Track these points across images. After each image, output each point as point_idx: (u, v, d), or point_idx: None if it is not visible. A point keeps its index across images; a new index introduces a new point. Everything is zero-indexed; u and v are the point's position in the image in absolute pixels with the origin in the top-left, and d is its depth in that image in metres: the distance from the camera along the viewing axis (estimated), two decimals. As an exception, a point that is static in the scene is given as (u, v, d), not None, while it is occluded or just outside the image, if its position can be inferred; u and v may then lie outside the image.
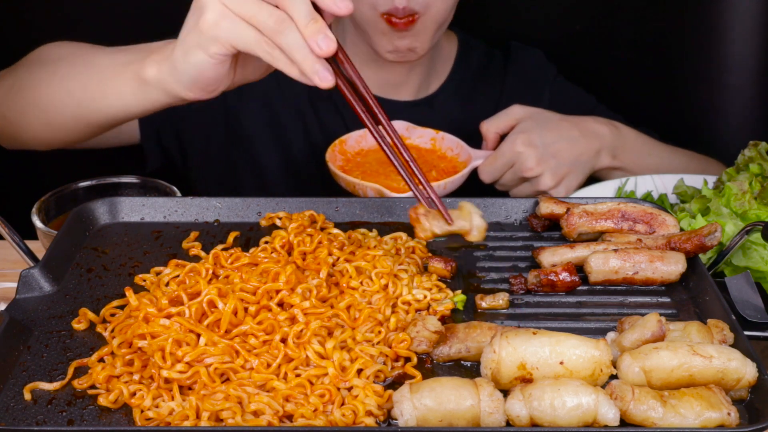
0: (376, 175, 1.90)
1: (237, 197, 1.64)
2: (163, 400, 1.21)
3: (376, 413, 1.20)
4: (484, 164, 1.90)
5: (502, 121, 1.94)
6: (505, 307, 1.41)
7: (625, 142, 1.99)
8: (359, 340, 1.31)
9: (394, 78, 2.15)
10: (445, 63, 2.22)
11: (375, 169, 1.93)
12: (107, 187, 1.81)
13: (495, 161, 1.89)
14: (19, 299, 1.39)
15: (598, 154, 1.94)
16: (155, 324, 1.30)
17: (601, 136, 1.96)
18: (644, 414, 1.15)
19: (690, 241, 1.47)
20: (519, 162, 1.87)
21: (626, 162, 1.99)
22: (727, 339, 1.28)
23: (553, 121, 1.93)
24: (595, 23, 2.31)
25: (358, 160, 1.96)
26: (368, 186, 1.79)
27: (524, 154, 1.86)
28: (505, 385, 1.21)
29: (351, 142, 1.99)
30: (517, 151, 1.87)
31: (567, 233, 1.56)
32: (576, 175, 1.92)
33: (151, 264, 1.50)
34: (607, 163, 1.96)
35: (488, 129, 1.95)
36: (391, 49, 1.97)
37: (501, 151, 1.89)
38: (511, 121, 1.93)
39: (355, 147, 1.99)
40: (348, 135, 1.99)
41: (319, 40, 1.28)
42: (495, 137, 1.94)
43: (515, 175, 1.89)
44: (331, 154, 1.92)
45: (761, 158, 1.74)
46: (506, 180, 1.91)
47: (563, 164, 1.89)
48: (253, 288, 1.36)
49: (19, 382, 1.24)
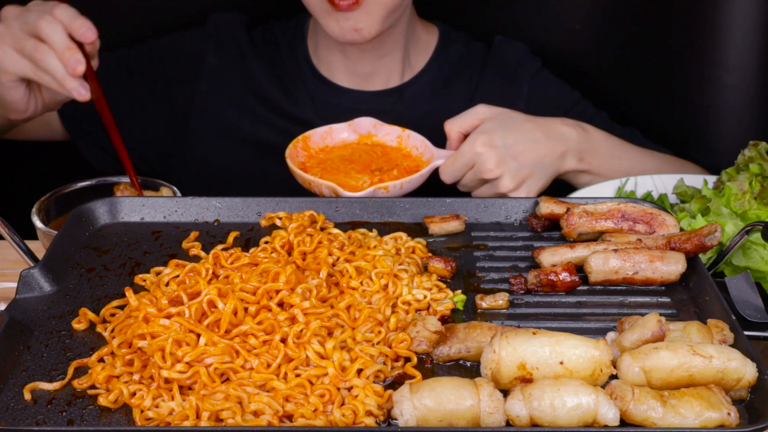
0: (336, 172, 1.90)
1: (237, 197, 1.64)
2: (163, 400, 1.21)
3: (376, 413, 1.20)
4: (445, 164, 1.88)
5: (466, 121, 1.91)
6: (505, 307, 1.41)
7: (592, 145, 1.96)
8: (359, 340, 1.31)
9: (362, 68, 2.15)
10: (421, 55, 2.21)
11: (336, 166, 1.92)
12: (107, 187, 1.81)
13: (455, 162, 1.86)
14: (19, 299, 1.39)
15: (562, 156, 1.91)
16: (155, 324, 1.30)
17: (567, 138, 1.92)
18: (644, 414, 1.15)
19: (690, 241, 1.47)
20: (479, 163, 1.84)
21: (594, 165, 1.96)
22: (727, 339, 1.28)
23: (516, 122, 1.90)
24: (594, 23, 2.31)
25: (321, 157, 1.96)
26: (323, 184, 1.77)
27: (484, 155, 1.83)
28: (505, 385, 1.21)
29: (315, 138, 1.98)
30: (477, 151, 1.84)
31: (567, 233, 1.56)
32: (538, 177, 1.88)
33: (151, 264, 1.50)
34: (572, 165, 1.93)
35: (451, 128, 1.92)
36: (337, 30, 1.97)
37: (461, 151, 1.86)
38: (474, 121, 1.90)
39: (319, 143, 1.98)
40: (312, 131, 1.99)
41: (72, 64, 1.62)
42: (458, 137, 1.91)
43: (475, 176, 1.86)
44: (293, 150, 1.91)
45: (761, 158, 1.74)
46: (467, 181, 1.88)
47: (524, 166, 1.86)
48: (253, 288, 1.36)
49: (19, 382, 1.24)
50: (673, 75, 2.23)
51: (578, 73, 2.27)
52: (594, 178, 1.96)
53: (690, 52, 2.17)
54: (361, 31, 1.97)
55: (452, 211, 1.64)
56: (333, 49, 2.13)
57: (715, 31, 2.11)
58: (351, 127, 2.00)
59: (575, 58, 2.31)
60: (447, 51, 2.22)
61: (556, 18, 2.34)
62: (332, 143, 1.99)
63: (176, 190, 1.79)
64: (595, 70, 2.32)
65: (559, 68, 2.26)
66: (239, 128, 2.18)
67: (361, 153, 1.96)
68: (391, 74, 2.18)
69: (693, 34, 2.14)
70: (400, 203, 1.65)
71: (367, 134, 2.00)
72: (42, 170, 2.42)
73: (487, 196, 1.86)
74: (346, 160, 1.93)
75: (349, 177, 1.88)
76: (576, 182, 1.98)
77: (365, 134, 2.00)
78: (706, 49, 2.14)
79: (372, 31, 1.98)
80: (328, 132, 1.99)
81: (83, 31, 1.65)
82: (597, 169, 1.96)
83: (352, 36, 1.98)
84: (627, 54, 2.29)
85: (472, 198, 1.66)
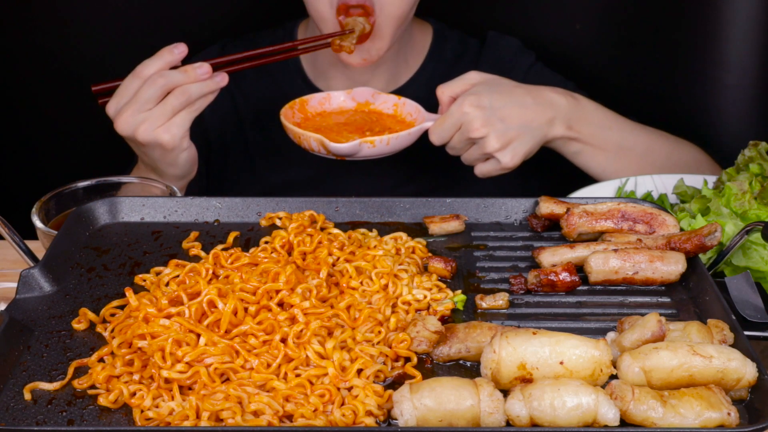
0: (327, 131, 1.94)
1: (237, 197, 1.64)
2: (163, 400, 1.21)
3: (376, 413, 1.20)
4: (434, 126, 1.91)
5: (458, 86, 1.94)
6: (505, 307, 1.41)
7: (583, 114, 1.98)
8: (359, 340, 1.31)
9: (359, 77, 2.16)
10: (417, 56, 2.22)
11: (330, 127, 1.97)
12: (107, 187, 1.81)
13: (443, 122, 1.89)
14: (19, 299, 1.39)
15: (551, 122, 1.93)
16: (155, 324, 1.30)
17: (557, 105, 1.95)
18: (644, 414, 1.15)
19: (690, 241, 1.47)
20: (465, 122, 1.87)
21: (583, 134, 1.97)
22: (727, 339, 1.28)
23: (507, 87, 1.94)
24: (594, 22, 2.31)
25: (317, 120, 1.99)
26: (311, 136, 1.83)
27: (470, 114, 1.86)
28: (505, 385, 1.21)
29: (313, 102, 2.03)
30: (464, 111, 1.87)
31: (567, 233, 1.56)
32: (525, 140, 1.90)
33: (151, 264, 1.50)
34: (560, 132, 1.95)
35: (443, 93, 1.95)
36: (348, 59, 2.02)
37: (449, 112, 1.89)
38: (465, 86, 1.93)
39: (317, 108, 2.03)
40: (311, 95, 2.04)
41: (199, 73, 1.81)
42: (449, 101, 1.94)
43: (462, 137, 1.88)
44: (288, 110, 1.96)
45: (761, 158, 1.74)
46: (455, 143, 1.91)
47: (511, 128, 1.88)
48: (253, 288, 1.36)
49: (19, 382, 1.24)
50: (673, 75, 2.23)
51: (578, 72, 2.27)
52: (584, 147, 1.99)
53: (690, 52, 2.17)
54: (371, 57, 2.04)
55: (452, 211, 1.64)
56: (331, 57, 2.14)
57: (715, 31, 2.11)
58: (350, 95, 2.05)
59: (575, 57, 2.31)
60: (442, 49, 2.23)
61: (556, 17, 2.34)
62: (329, 109, 2.03)
63: (176, 190, 1.79)
64: (595, 69, 2.32)
65: (559, 68, 2.26)
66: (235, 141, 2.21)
67: (357, 119, 2.01)
68: (388, 78, 2.19)
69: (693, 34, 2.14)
70: (400, 203, 1.65)
71: (365, 102, 2.05)
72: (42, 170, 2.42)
73: (475, 158, 1.90)
74: (341, 123, 1.98)
75: (340, 135, 1.93)
76: (565, 151, 2.00)
77: (363, 102, 2.04)
78: (706, 49, 2.14)
79: (381, 53, 2.04)
80: (326, 98, 2.04)
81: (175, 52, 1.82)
82: (587, 138, 1.97)
83: (363, 63, 2.04)
84: (626, 54, 2.29)
85: (472, 198, 1.65)
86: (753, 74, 2.13)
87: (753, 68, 2.13)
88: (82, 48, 2.32)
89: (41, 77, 2.37)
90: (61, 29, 2.32)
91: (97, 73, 1.90)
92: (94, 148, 2.38)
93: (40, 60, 2.34)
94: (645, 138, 2.05)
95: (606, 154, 2.00)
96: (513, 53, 2.24)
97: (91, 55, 2.33)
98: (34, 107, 2.42)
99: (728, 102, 2.19)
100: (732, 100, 2.18)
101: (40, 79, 2.38)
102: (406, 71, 2.21)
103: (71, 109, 2.38)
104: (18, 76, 2.35)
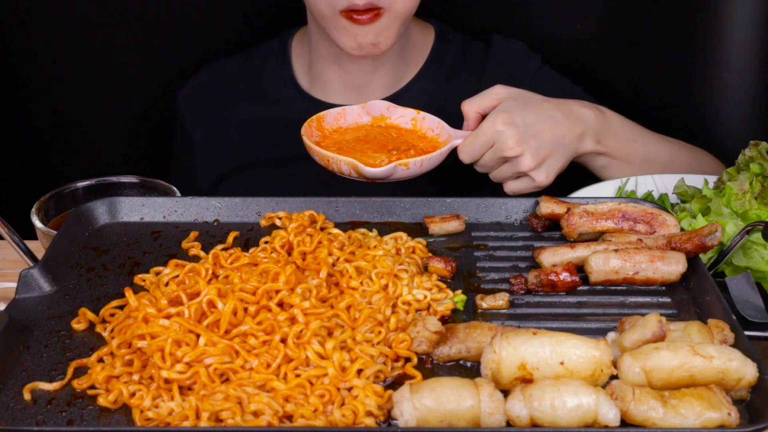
0: (352, 151, 1.88)
1: (237, 197, 1.64)
2: (163, 400, 1.21)
3: (376, 413, 1.19)
4: (464, 143, 1.87)
5: (484, 101, 1.91)
6: (505, 307, 1.41)
7: (610, 127, 1.96)
8: (359, 341, 1.31)
9: (358, 80, 2.13)
10: (418, 58, 2.19)
11: (352, 146, 1.90)
12: (107, 187, 1.81)
13: (475, 140, 1.85)
14: (18, 299, 1.39)
15: (581, 137, 1.91)
16: (155, 324, 1.30)
17: (586, 119, 1.92)
18: (645, 414, 1.15)
19: (690, 241, 1.47)
20: (499, 141, 1.83)
21: (611, 147, 1.95)
22: (727, 339, 1.28)
23: (535, 102, 1.90)
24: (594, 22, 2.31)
25: (336, 137, 1.94)
26: (342, 160, 1.74)
27: (505, 133, 1.83)
28: (505, 386, 1.21)
29: (329, 119, 1.96)
30: (498, 129, 1.83)
31: (567, 233, 1.56)
32: (558, 157, 1.88)
33: (150, 264, 1.50)
34: (590, 147, 1.93)
35: (469, 108, 1.91)
36: (354, 45, 1.95)
37: (481, 129, 1.85)
38: (492, 101, 1.90)
39: (333, 124, 1.97)
40: (326, 112, 1.96)
41: None
42: (476, 117, 1.91)
43: (495, 155, 1.85)
44: (307, 129, 1.89)
45: (762, 158, 1.73)
46: (486, 161, 1.87)
47: (544, 145, 1.85)
48: (252, 288, 1.36)
49: (19, 382, 1.24)
50: (673, 74, 2.23)
51: (577, 72, 2.27)
52: (610, 161, 1.96)
53: (690, 52, 2.17)
54: (378, 45, 1.96)
55: (452, 211, 1.64)
56: (327, 62, 2.11)
57: (716, 31, 2.11)
58: (364, 110, 2.00)
59: (574, 57, 2.31)
60: (444, 51, 2.20)
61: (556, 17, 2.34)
62: (346, 124, 1.98)
63: (176, 189, 1.78)
64: (595, 69, 2.31)
65: (559, 68, 2.26)
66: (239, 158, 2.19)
67: (375, 134, 1.95)
68: (387, 82, 2.16)
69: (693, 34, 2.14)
70: (400, 203, 1.65)
71: (381, 116, 1.99)
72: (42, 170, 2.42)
73: (506, 176, 1.86)
74: (362, 140, 1.92)
75: (366, 155, 1.86)
76: (592, 165, 1.98)
77: (378, 116, 2.00)
78: (706, 49, 2.14)
79: (389, 43, 1.97)
80: (342, 113, 1.97)
81: None
82: (614, 152, 1.95)
83: (369, 50, 1.97)
84: (626, 54, 2.28)
85: (472, 198, 1.65)
86: (753, 74, 2.13)
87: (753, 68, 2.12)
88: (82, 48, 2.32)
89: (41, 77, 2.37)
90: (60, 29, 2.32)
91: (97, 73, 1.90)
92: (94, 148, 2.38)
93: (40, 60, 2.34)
94: (667, 149, 2.03)
95: (632, 167, 1.98)
96: (519, 57, 2.21)
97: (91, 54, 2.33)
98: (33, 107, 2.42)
99: (728, 102, 2.19)
100: (732, 100, 2.18)
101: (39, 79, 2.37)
102: (406, 73, 2.18)
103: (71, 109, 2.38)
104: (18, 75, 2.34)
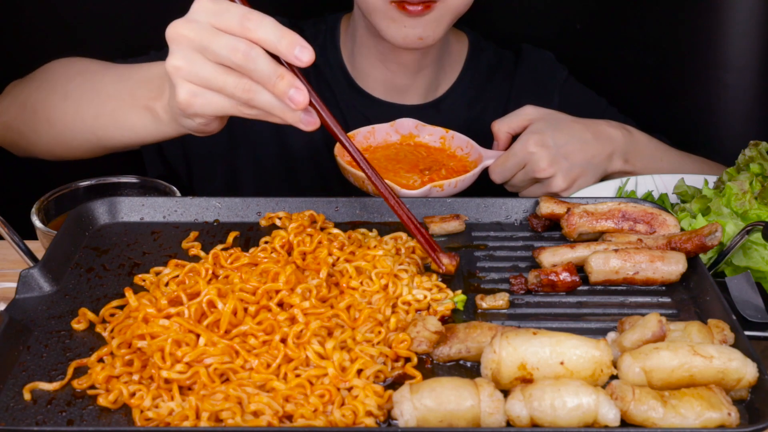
0: (384, 171, 1.88)
1: (237, 197, 1.64)
2: (163, 400, 1.21)
3: (376, 413, 1.19)
4: (495, 164, 1.88)
5: (515, 121, 1.92)
6: (505, 307, 1.41)
7: (637, 147, 1.97)
8: (359, 341, 1.31)
9: (400, 81, 2.13)
10: (454, 65, 2.20)
11: (384, 165, 1.90)
12: (107, 187, 1.81)
13: (506, 161, 1.87)
14: (18, 299, 1.39)
15: (610, 157, 1.93)
16: (155, 324, 1.30)
17: (614, 139, 1.94)
18: (645, 414, 1.15)
19: (690, 241, 1.47)
20: (531, 162, 1.85)
21: (638, 167, 1.97)
22: (727, 339, 1.28)
23: (566, 123, 1.92)
24: (594, 22, 2.31)
25: (367, 156, 1.95)
26: None
27: (537, 154, 1.85)
28: (505, 386, 1.21)
29: (359, 138, 1.97)
30: (530, 151, 1.85)
31: (567, 233, 1.56)
32: (588, 177, 1.90)
33: (150, 264, 1.50)
34: (619, 167, 1.95)
35: (500, 129, 1.93)
36: (400, 37, 1.93)
37: (513, 151, 1.87)
38: (523, 122, 1.92)
39: (363, 143, 1.97)
40: (356, 131, 1.97)
41: (290, 96, 1.33)
42: (507, 137, 1.93)
43: (527, 176, 1.87)
44: (340, 149, 1.88)
45: (762, 158, 1.73)
46: (517, 181, 1.89)
47: (576, 165, 1.87)
48: (252, 288, 1.36)
49: (19, 382, 1.24)
50: (673, 75, 2.23)
51: (577, 72, 2.27)
52: None
53: (690, 52, 2.18)
54: (425, 39, 1.94)
55: (452, 211, 1.64)
56: (372, 59, 2.10)
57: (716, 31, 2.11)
58: (393, 128, 2.00)
59: (574, 57, 2.31)
60: (478, 60, 2.21)
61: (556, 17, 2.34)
62: (375, 143, 1.98)
63: (176, 189, 1.78)
64: (595, 70, 2.32)
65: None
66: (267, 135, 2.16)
67: (405, 153, 1.96)
68: (427, 87, 2.16)
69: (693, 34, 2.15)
70: (400, 203, 1.65)
71: (409, 135, 2.00)
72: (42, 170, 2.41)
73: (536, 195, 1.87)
74: (392, 159, 1.92)
75: (399, 176, 1.87)
76: None
77: (407, 135, 2.00)
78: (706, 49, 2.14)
79: (435, 37, 1.96)
80: (371, 132, 1.98)
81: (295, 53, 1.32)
82: (641, 171, 1.97)
83: (415, 43, 1.95)
84: (626, 54, 2.29)
85: (473, 198, 1.65)
86: (753, 74, 2.13)
87: (753, 68, 2.13)
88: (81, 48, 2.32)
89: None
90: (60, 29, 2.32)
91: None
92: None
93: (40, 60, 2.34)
94: (691, 167, 2.05)
95: None
96: (548, 67, 2.23)
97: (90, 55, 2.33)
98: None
99: (728, 102, 2.19)
100: (732, 100, 2.18)
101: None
102: (444, 80, 2.19)
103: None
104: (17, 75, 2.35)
